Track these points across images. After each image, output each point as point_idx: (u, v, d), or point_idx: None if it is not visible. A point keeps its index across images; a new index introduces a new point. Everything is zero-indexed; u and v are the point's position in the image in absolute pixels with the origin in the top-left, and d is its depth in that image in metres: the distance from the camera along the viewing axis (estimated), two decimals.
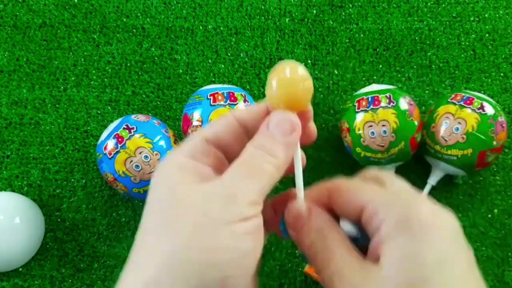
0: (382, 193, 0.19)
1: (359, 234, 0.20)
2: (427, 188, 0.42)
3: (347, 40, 0.49)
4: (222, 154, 0.21)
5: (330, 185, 0.21)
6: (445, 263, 0.17)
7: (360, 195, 0.19)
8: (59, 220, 0.42)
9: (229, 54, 0.48)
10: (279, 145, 0.19)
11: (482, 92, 0.47)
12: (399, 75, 0.48)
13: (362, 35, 0.49)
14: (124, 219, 0.42)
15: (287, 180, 0.23)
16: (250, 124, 0.21)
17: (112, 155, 0.36)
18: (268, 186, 0.19)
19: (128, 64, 0.48)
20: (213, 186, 0.18)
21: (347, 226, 0.21)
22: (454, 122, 0.39)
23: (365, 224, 0.19)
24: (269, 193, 0.20)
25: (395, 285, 0.17)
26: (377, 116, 0.38)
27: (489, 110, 0.38)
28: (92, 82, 0.47)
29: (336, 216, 0.21)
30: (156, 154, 0.37)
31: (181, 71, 0.48)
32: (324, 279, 0.19)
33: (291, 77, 0.19)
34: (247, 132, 0.21)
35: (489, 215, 0.43)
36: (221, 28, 0.49)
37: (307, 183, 0.31)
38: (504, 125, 0.39)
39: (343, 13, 0.50)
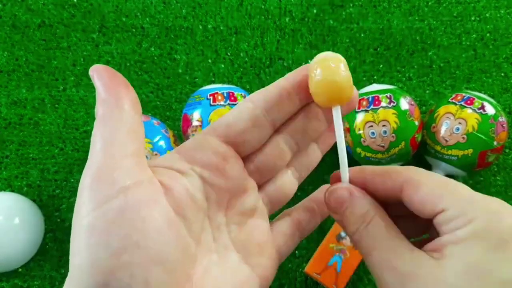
0: (465, 198, 0.17)
1: None
2: None
3: (347, 40, 0.49)
4: (225, 148, 0.19)
5: (405, 174, 0.19)
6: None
7: (440, 196, 0.17)
8: (58, 220, 0.42)
9: (229, 54, 0.48)
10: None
11: (483, 92, 0.47)
12: (400, 75, 0.48)
13: (362, 35, 0.49)
14: None
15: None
16: (269, 105, 0.19)
17: None
18: None
19: (128, 64, 0.47)
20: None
21: None
22: (455, 122, 0.38)
23: (440, 222, 0.17)
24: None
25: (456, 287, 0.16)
26: (378, 116, 0.38)
27: (490, 110, 0.38)
28: (91, 82, 0.47)
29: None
30: (155, 154, 0.37)
31: (180, 71, 0.48)
32: (370, 267, 0.18)
33: (337, 72, 0.19)
34: (267, 112, 0.19)
35: None
36: (221, 28, 0.49)
37: (306, 183, 0.31)
38: (504, 125, 0.39)
39: (343, 13, 0.50)
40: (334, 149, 0.43)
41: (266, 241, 0.20)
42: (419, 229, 0.20)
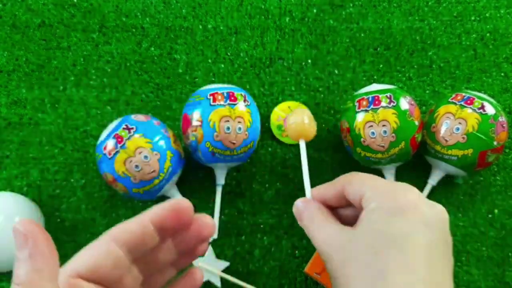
0: (378, 186, 0.26)
1: None
2: (428, 188, 0.42)
3: (347, 40, 0.49)
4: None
5: (344, 179, 0.28)
6: (403, 239, 0.23)
7: (363, 187, 0.26)
8: (58, 220, 0.42)
9: (228, 54, 0.48)
10: None
11: (483, 92, 0.47)
12: (400, 75, 0.48)
13: (362, 35, 0.49)
14: (123, 219, 0.42)
15: None
16: (132, 245, 0.20)
17: (111, 155, 0.36)
18: None
19: (128, 64, 0.47)
20: None
21: None
22: (455, 122, 0.38)
23: (362, 204, 0.26)
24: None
25: (363, 245, 0.24)
26: (378, 116, 0.38)
27: (490, 110, 0.38)
28: (91, 82, 0.47)
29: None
30: (156, 154, 0.37)
31: (180, 70, 0.48)
32: (315, 246, 0.27)
33: (304, 124, 0.34)
34: (130, 253, 0.21)
35: (490, 215, 0.43)
36: (221, 28, 0.49)
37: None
38: (504, 125, 0.39)
39: (343, 13, 0.50)
40: (332, 150, 0.44)
41: None
42: None
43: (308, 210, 0.29)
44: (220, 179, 0.41)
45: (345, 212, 0.29)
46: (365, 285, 0.23)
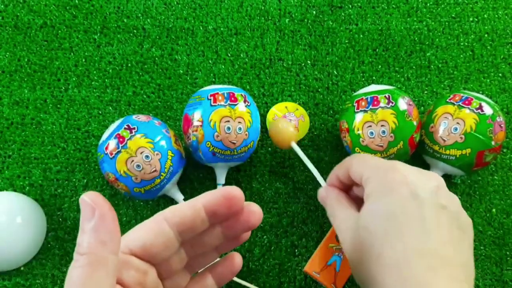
0: (372, 166, 0.28)
1: None
2: None
3: (346, 41, 0.49)
4: (145, 265, 0.21)
5: (347, 162, 0.31)
6: (395, 217, 0.25)
7: (361, 168, 0.29)
8: (60, 219, 0.43)
9: (229, 55, 0.49)
10: None
11: (481, 92, 0.47)
12: (398, 76, 0.48)
13: (361, 36, 0.50)
14: (125, 219, 0.43)
15: None
16: (183, 228, 0.21)
17: (113, 155, 0.37)
18: None
19: (129, 65, 0.48)
20: None
21: None
22: (453, 122, 0.39)
23: (363, 184, 0.29)
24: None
25: (364, 229, 0.26)
26: (376, 116, 0.38)
27: (488, 110, 0.38)
28: (93, 83, 0.47)
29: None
30: (157, 154, 0.37)
31: (181, 71, 0.48)
32: (335, 228, 0.30)
33: (283, 133, 0.39)
34: (180, 235, 0.21)
35: (488, 215, 0.43)
36: (221, 29, 0.49)
37: (306, 182, 0.34)
38: (502, 125, 0.39)
39: (342, 14, 0.50)
40: (331, 150, 0.44)
41: None
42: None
43: (330, 197, 0.32)
44: (221, 179, 0.42)
45: (360, 192, 0.31)
46: (366, 267, 0.25)
